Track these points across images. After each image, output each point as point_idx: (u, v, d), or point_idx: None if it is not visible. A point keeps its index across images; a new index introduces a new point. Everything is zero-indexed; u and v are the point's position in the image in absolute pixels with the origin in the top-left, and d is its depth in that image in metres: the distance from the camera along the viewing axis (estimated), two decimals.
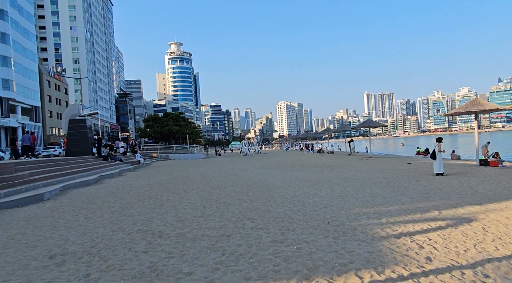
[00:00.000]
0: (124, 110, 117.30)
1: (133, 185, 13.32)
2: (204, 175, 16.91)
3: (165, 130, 52.43)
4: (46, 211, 7.94)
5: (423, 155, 30.90)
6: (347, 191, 9.42)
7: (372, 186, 10.40)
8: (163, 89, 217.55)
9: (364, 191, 9.31)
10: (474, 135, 17.19)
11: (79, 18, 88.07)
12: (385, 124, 29.33)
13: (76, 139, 22.30)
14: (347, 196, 8.56)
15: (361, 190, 9.62)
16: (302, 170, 17.35)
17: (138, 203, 8.58)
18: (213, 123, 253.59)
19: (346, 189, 9.95)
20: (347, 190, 9.74)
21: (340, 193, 9.11)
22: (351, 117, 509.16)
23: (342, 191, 9.57)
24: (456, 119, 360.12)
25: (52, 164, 14.59)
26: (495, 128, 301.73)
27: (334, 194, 8.96)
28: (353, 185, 10.68)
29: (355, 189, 9.86)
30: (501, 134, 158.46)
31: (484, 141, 21.30)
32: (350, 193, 9.13)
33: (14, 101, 48.61)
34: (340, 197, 8.48)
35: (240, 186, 11.51)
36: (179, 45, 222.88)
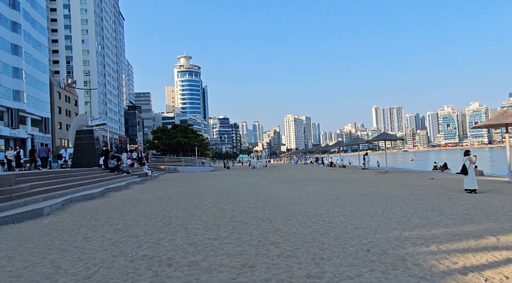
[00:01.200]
0: (133, 122, 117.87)
1: (140, 199, 12.53)
2: (214, 188, 16.08)
3: (174, 142, 51.91)
4: (43, 228, 7.16)
5: (441, 169, 29.72)
6: (374, 210, 8.48)
7: (400, 203, 9.44)
8: (171, 102, 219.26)
9: (393, 210, 8.37)
10: (487, 150, 16.15)
11: (91, 31, 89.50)
12: (401, 138, 28.33)
13: (83, 150, 21.73)
14: (376, 216, 7.63)
15: (390, 208, 8.68)
16: (317, 185, 16.42)
17: (145, 220, 7.76)
18: (221, 136, 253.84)
19: (372, 206, 9.01)
20: (373, 208, 8.80)
21: (368, 212, 8.18)
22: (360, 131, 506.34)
23: (369, 209, 8.63)
24: (467, 134, 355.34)
25: (56, 175, 13.92)
26: None
27: (361, 213, 8.03)
28: (379, 202, 9.73)
29: (382, 207, 8.92)
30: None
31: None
32: (378, 211, 8.19)
33: (24, 113, 48.72)
34: (370, 216, 7.55)
35: (255, 202, 10.64)
36: (188, 58, 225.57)
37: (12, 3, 46.07)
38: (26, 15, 50.02)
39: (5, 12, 44.77)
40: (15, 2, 46.44)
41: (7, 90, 44.60)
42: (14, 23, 46.36)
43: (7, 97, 44.62)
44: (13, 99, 45.71)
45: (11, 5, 45.79)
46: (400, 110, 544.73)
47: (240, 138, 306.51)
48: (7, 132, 43.24)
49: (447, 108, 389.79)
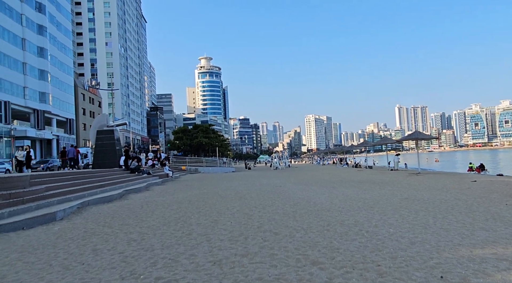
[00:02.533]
0: (155, 123, 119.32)
1: (159, 202, 11.82)
2: (236, 190, 15.22)
3: (195, 143, 51.56)
4: (51, 236, 6.46)
5: (477, 171, 27.74)
6: (423, 218, 7.33)
7: (450, 210, 8.23)
8: (192, 103, 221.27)
9: (446, 219, 7.19)
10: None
11: (114, 34, 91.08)
12: (435, 137, 26.58)
13: (103, 151, 21.43)
14: (429, 226, 6.51)
15: (441, 216, 7.50)
16: (347, 187, 15.26)
17: (163, 228, 6.95)
18: (241, 136, 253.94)
19: (419, 214, 7.86)
20: (421, 216, 7.65)
21: (416, 221, 7.05)
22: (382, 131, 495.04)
23: (416, 217, 7.49)
24: (497, 134, 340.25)
25: (74, 177, 13.45)
26: None
27: (409, 222, 6.91)
28: (424, 209, 8.54)
29: (431, 214, 7.75)
30: None
31: None
32: (428, 221, 7.05)
33: (50, 114, 49.71)
34: (421, 227, 6.43)
35: (282, 206, 9.67)
36: (209, 59, 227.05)
37: (38, 7, 47.08)
38: (52, 18, 51.07)
39: (32, 15, 45.77)
40: (41, 5, 47.45)
41: (33, 92, 45.57)
42: (40, 26, 47.35)
43: (34, 99, 45.58)
44: (39, 101, 46.67)
45: (37, 8, 46.80)
46: (425, 109, 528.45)
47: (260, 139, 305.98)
48: (33, 134, 44.13)
49: (475, 107, 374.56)
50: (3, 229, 6.84)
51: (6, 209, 7.69)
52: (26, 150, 20.14)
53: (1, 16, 40.11)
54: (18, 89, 42.98)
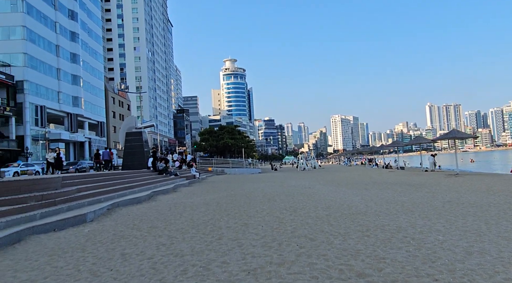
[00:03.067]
0: (181, 125, 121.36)
1: (187, 203, 11.66)
2: (265, 192, 14.86)
3: (221, 144, 51.75)
4: (81, 239, 6.36)
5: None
6: (474, 224, 6.66)
7: (503, 215, 7.47)
8: (218, 105, 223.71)
9: (502, 225, 6.48)
10: None
11: (142, 39, 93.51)
12: (475, 136, 25.06)
13: (132, 152, 21.74)
14: (483, 233, 5.86)
15: (494, 222, 6.79)
16: (381, 189, 14.52)
17: (192, 232, 6.70)
18: (266, 137, 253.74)
19: (467, 219, 7.17)
20: (470, 221, 6.96)
21: (466, 227, 6.39)
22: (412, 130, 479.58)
23: (465, 222, 6.82)
24: None
25: (104, 178, 13.59)
26: None
27: (458, 228, 6.28)
28: (472, 213, 7.82)
29: (482, 220, 7.04)
30: None
31: None
32: (481, 227, 6.38)
33: (82, 117, 51.56)
34: (475, 234, 5.79)
35: (314, 209, 9.21)
36: (233, 61, 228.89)
37: (71, 14, 48.98)
38: (83, 25, 53.00)
39: (65, 23, 47.66)
40: (73, 13, 49.34)
41: (67, 96, 47.39)
42: (73, 33, 49.23)
43: (67, 103, 47.40)
44: (72, 105, 48.49)
45: (70, 16, 48.69)
46: (458, 107, 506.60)
47: (285, 140, 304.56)
48: (67, 137, 45.87)
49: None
50: (35, 231, 6.83)
51: (38, 210, 7.72)
52: (56, 152, 20.59)
53: (37, 24, 42.00)
54: (53, 94, 44.84)
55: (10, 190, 8.12)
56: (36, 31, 41.77)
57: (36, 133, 40.69)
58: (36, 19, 41.85)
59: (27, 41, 40.15)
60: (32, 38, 41.04)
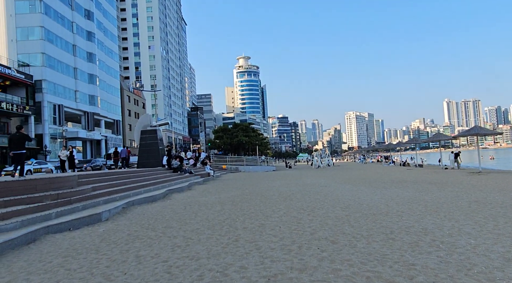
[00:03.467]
0: (196, 123, 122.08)
1: (202, 202, 11.52)
2: (280, 190, 14.60)
3: (235, 142, 51.66)
4: (96, 239, 6.26)
5: None
6: (507, 226, 6.22)
7: None
8: (231, 102, 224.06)
9: None
10: None
11: (157, 38, 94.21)
12: (499, 132, 24.10)
13: (147, 150, 21.80)
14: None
15: None
16: (400, 188, 14.05)
17: (207, 232, 6.51)
18: (280, 135, 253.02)
19: (498, 221, 6.74)
20: (501, 223, 6.53)
21: (499, 229, 5.98)
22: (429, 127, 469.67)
23: (496, 225, 6.40)
24: None
25: (119, 176, 13.60)
26: None
27: (490, 231, 5.87)
28: (504, 215, 7.35)
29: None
30: None
31: None
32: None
33: (99, 116, 52.34)
34: (509, 237, 5.39)
35: (333, 209, 8.90)
36: (247, 59, 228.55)
37: (87, 14, 49.64)
38: (99, 24, 53.67)
39: (81, 22, 48.34)
40: (89, 12, 49.98)
41: (83, 95, 48.12)
42: (89, 32, 49.90)
43: (84, 101, 48.15)
44: (89, 103, 49.23)
45: (86, 16, 49.34)
46: (477, 103, 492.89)
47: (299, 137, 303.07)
48: (84, 135, 46.62)
49: None
50: (50, 230, 6.78)
51: (54, 209, 7.68)
52: (69, 150, 20.57)
53: (55, 25, 42.72)
54: (70, 93, 45.61)
55: (27, 189, 8.12)
56: (54, 31, 42.51)
57: (54, 131, 41.50)
58: (54, 19, 42.59)
59: (45, 41, 40.92)
60: (50, 38, 41.80)
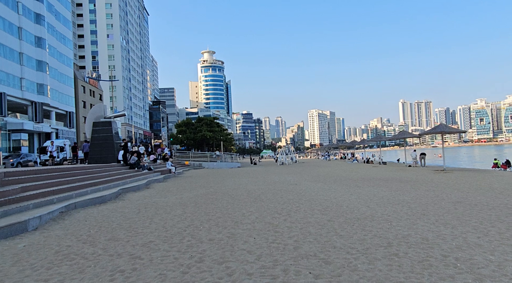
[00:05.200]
0: (157, 117, 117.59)
1: (160, 203, 10.00)
2: (248, 189, 13.39)
3: (198, 137, 49.52)
4: (7, 261, 4.64)
5: (504, 167, 25.76)
6: (509, 234, 5.46)
7: None
8: (195, 97, 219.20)
9: None
10: None
11: (116, 26, 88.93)
12: (463, 131, 24.53)
13: (100, 144, 19.62)
14: None
15: None
16: (373, 186, 13.38)
17: (163, 248, 5.11)
18: (244, 131, 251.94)
19: (496, 225, 6.00)
20: (503, 229, 5.78)
21: (508, 239, 5.18)
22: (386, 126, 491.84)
23: (500, 231, 5.62)
24: (502, 129, 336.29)
25: (62, 174, 11.63)
26: None
27: (499, 241, 5.04)
28: (498, 219, 6.67)
29: None
30: None
31: None
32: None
33: (49, 106, 47.96)
34: None
35: (311, 212, 7.82)
36: (212, 53, 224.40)
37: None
38: (50, 7, 49.11)
39: (28, 3, 43.82)
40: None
41: (30, 83, 43.77)
42: (38, 14, 45.42)
43: (31, 90, 43.79)
44: (37, 92, 44.87)
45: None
46: (429, 104, 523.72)
47: (263, 134, 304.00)
48: (30, 127, 42.41)
49: (480, 102, 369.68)
50: None
51: None
52: None
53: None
54: (15, 80, 41.18)
55: None
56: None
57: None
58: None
59: None
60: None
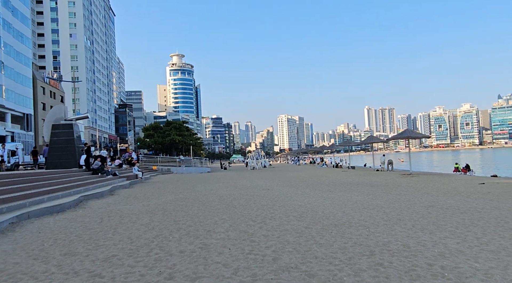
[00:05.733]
0: (124, 121, 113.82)
1: (125, 212, 9.32)
2: (220, 195, 12.93)
3: (167, 141, 48.06)
4: None
5: (464, 171, 27.03)
6: (490, 239, 5.45)
7: (505, 224, 6.46)
8: (164, 101, 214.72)
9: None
10: (477, 151, 13.59)
11: (79, 25, 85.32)
12: (427, 136, 25.45)
13: (59, 148, 18.34)
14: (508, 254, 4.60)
15: (509, 236, 5.67)
16: (345, 191, 13.39)
17: (128, 263, 4.58)
18: (213, 136, 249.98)
19: (472, 230, 6.01)
20: (478, 233, 5.79)
21: (486, 244, 5.15)
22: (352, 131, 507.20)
23: (477, 236, 5.61)
24: (458, 135, 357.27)
25: (13, 180, 10.59)
26: (497, 145, 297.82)
27: (479, 246, 4.98)
28: (472, 223, 6.71)
29: (490, 232, 5.90)
30: (504, 151, 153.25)
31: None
32: (502, 243, 5.17)
33: (4, 108, 44.85)
34: (508, 255, 4.49)
35: (287, 219, 7.54)
36: (181, 57, 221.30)
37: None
38: (6, 2, 46.14)
39: None
40: None
41: None
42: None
43: None
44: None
45: None
46: (392, 111, 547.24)
47: (233, 139, 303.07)
48: None
49: (439, 110, 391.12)
50: None
51: None
52: None
53: None
54: None
55: None
56: None
57: None
58: None
59: None
60: None
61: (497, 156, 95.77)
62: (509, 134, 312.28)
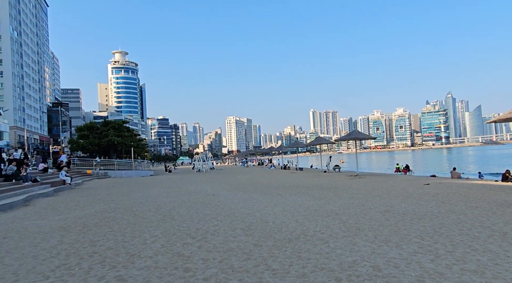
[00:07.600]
0: (58, 121, 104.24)
1: (31, 229, 7.45)
2: (158, 203, 11.38)
3: (104, 142, 44.10)
4: None
5: (404, 172, 28.10)
6: (461, 250, 4.78)
7: (468, 232, 5.96)
8: (105, 100, 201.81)
9: (488, 249, 4.75)
10: (409, 152, 14.23)
11: (4, 14, 76.51)
12: (373, 137, 25.88)
13: None
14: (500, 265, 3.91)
15: (481, 246, 5.07)
16: (296, 194, 12.59)
17: None
18: (159, 137, 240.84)
19: (439, 240, 5.36)
20: (447, 244, 5.14)
21: (463, 259, 4.45)
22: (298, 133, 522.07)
23: (446, 248, 4.93)
24: (393, 137, 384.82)
25: None
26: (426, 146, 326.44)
27: (456, 265, 4.25)
28: (434, 231, 6.12)
29: (458, 242, 5.29)
30: (431, 152, 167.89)
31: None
32: (475, 256, 4.50)
33: None
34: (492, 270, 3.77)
35: (233, 233, 6.37)
36: (124, 54, 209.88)
37: None
38: None
39: None
40: None
41: None
42: None
43: None
44: None
45: None
46: (335, 114, 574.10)
47: (180, 140, 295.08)
48: None
49: (377, 113, 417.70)
50: None
51: None
52: None
53: None
54: None
55: None
56: None
57: None
58: None
59: None
60: None
61: (426, 156, 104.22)
62: (436, 136, 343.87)
